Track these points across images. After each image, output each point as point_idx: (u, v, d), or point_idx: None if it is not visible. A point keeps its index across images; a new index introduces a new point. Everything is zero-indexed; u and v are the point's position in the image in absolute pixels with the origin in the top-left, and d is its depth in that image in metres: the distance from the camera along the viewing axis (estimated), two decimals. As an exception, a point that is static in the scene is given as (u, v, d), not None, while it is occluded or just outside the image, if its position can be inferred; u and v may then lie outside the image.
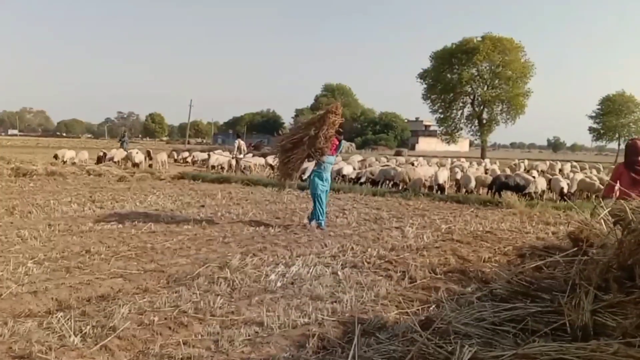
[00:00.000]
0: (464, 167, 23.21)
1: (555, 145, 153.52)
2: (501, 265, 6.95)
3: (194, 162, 29.46)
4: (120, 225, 9.02)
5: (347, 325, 4.61)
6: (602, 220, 3.98)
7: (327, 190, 9.83)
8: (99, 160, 24.74)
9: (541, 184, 15.46)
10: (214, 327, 4.48)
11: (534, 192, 14.79)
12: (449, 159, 31.34)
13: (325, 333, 4.36)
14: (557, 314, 2.93)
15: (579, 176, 17.87)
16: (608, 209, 4.00)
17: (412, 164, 23.88)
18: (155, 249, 7.35)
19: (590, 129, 64.28)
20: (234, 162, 22.65)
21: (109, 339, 4.11)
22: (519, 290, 3.35)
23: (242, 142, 22.94)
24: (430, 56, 58.20)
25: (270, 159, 28.25)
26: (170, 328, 4.46)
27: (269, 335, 4.35)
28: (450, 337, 2.63)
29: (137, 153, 24.95)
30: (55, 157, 24.46)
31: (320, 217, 9.62)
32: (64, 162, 23.27)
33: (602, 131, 62.65)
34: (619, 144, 63.39)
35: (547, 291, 3.24)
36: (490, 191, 15.48)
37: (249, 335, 4.32)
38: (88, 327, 4.32)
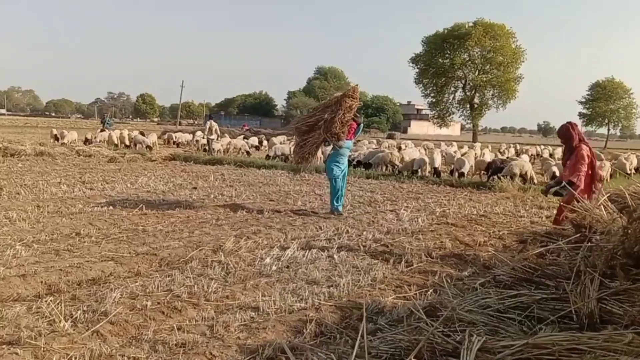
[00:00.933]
0: (452, 151, 22.96)
1: (545, 130, 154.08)
2: (498, 249, 6.91)
3: (176, 144, 29.12)
4: (111, 207, 8.88)
5: (345, 310, 4.52)
6: (602, 206, 3.91)
7: (344, 175, 9.40)
8: (87, 141, 24.49)
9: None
10: (209, 312, 4.37)
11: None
12: (442, 143, 31.28)
13: (323, 318, 4.27)
14: (562, 301, 2.86)
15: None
16: (607, 195, 3.94)
17: (399, 148, 23.86)
18: (147, 232, 7.22)
19: (580, 114, 64.48)
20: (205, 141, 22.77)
21: (100, 324, 3.99)
22: (522, 277, 3.28)
23: (214, 124, 22.61)
24: (422, 41, 58.08)
25: (255, 140, 28.16)
26: (163, 313, 4.35)
27: (265, 320, 4.26)
28: (454, 324, 2.55)
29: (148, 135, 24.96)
30: (56, 138, 24.20)
31: (336, 202, 9.28)
32: (63, 144, 23.00)
33: (591, 116, 62.86)
34: (608, 130, 63.82)
35: (551, 278, 3.17)
36: (485, 175, 15.47)
37: (244, 321, 4.23)
38: (79, 311, 4.20)
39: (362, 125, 9.72)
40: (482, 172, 16.09)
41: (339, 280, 5.21)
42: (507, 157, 19.34)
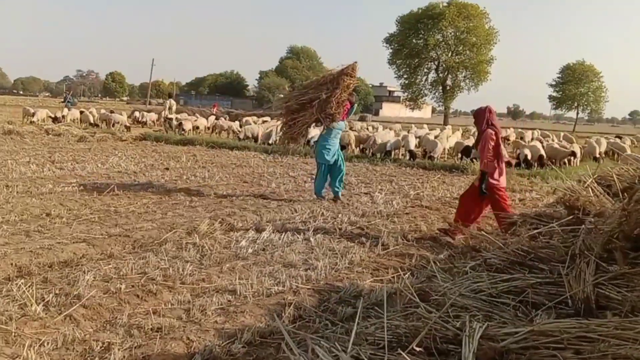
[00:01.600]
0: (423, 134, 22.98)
1: (514, 113, 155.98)
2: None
3: (142, 123, 28.31)
4: (82, 187, 8.68)
5: (323, 293, 4.53)
6: (589, 188, 3.95)
7: (337, 160, 8.81)
8: (56, 120, 23.82)
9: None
10: (185, 295, 4.31)
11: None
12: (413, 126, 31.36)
13: (301, 302, 4.27)
14: (557, 286, 2.86)
15: (538, 144, 18.18)
16: (595, 176, 3.98)
17: (368, 129, 23.95)
18: (119, 213, 7.08)
19: (550, 97, 65.15)
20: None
21: (73, 307, 3.90)
22: (515, 260, 3.27)
23: (172, 102, 22.21)
24: (396, 20, 57.69)
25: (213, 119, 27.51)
26: (138, 296, 4.28)
27: (243, 304, 4.23)
28: (447, 309, 2.54)
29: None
30: (27, 115, 23.46)
31: (337, 187, 8.84)
32: (32, 122, 22.33)
33: (561, 100, 63.60)
34: (577, 113, 64.70)
35: (545, 261, 3.16)
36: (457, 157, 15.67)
37: (221, 304, 4.19)
38: (51, 295, 4.10)
39: (356, 105, 9.13)
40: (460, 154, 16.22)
41: (316, 263, 5.21)
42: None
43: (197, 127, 23.66)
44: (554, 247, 3.25)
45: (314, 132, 12.78)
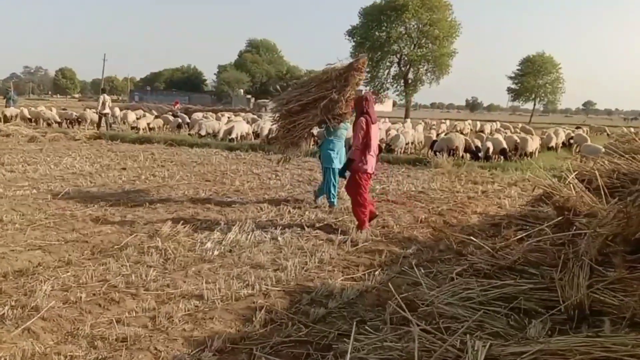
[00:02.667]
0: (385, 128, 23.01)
1: (473, 106, 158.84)
2: (438, 226, 7.00)
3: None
4: (35, 191, 8.28)
5: (294, 294, 4.42)
6: (571, 186, 3.91)
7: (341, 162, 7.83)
8: (5, 120, 22.81)
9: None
10: (149, 302, 4.14)
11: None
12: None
13: (272, 305, 4.15)
14: (550, 291, 2.77)
15: (499, 136, 18.48)
16: (575, 174, 3.95)
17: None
18: (75, 217, 6.79)
19: (509, 89, 66.32)
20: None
21: (32, 320, 3.70)
22: (504, 265, 3.18)
23: (107, 98, 21.50)
24: (359, 13, 57.50)
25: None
26: (100, 305, 4.10)
27: (211, 309, 4.08)
28: (436, 320, 2.45)
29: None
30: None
31: (332, 195, 7.99)
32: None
33: (519, 92, 64.73)
34: (534, 105, 66.14)
35: (535, 266, 3.08)
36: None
37: (188, 311, 4.04)
38: (6, 307, 3.88)
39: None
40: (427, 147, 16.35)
41: (285, 264, 5.09)
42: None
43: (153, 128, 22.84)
44: (544, 251, 3.17)
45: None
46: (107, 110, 20.89)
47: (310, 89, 7.70)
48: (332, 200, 7.99)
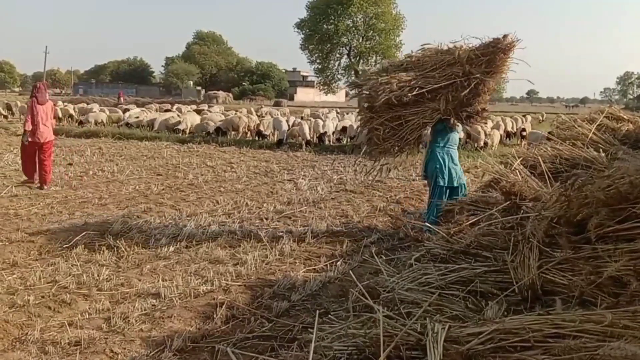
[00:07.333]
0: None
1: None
2: (397, 214, 7.01)
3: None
4: (-26, 190, 7.81)
5: (255, 289, 4.30)
6: (517, 171, 3.98)
7: (462, 179, 6.18)
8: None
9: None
10: (103, 303, 3.94)
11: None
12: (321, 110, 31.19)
13: (233, 300, 4.01)
14: (503, 273, 2.82)
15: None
16: (520, 160, 4.03)
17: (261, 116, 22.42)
18: (19, 216, 6.44)
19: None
20: None
21: (-25, 327, 3.44)
22: (459, 249, 3.20)
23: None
24: (306, 6, 57.72)
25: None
26: (50, 308, 3.88)
27: (169, 307, 3.91)
28: (397, 306, 2.41)
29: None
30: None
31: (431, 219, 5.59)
32: None
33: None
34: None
35: (488, 249, 3.11)
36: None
37: (145, 310, 3.86)
38: (-54, 314, 3.59)
39: None
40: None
41: (245, 257, 4.96)
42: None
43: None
44: (495, 234, 3.23)
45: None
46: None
47: (427, 73, 5.47)
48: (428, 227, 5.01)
